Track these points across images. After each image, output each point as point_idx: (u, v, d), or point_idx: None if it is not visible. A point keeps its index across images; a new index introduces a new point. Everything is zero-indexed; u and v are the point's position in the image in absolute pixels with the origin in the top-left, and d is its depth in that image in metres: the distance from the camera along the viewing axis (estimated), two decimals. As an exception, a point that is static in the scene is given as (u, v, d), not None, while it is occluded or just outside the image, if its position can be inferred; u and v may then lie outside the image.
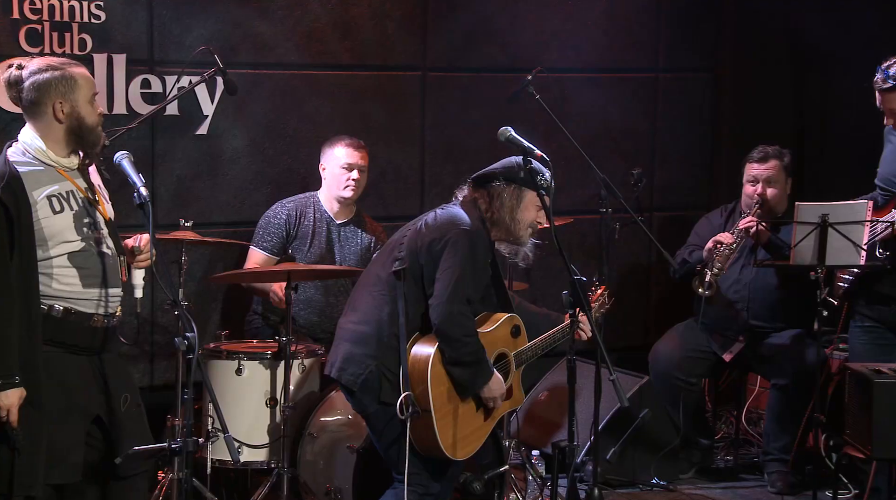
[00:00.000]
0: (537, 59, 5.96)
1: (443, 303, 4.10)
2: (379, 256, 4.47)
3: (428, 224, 4.24)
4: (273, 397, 4.88)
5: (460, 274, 4.11)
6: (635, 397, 5.49)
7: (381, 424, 4.20)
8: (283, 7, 5.75)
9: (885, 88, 4.68)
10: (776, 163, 5.53)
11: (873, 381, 4.39)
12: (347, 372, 4.20)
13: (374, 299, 4.24)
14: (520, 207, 4.28)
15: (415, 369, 4.14)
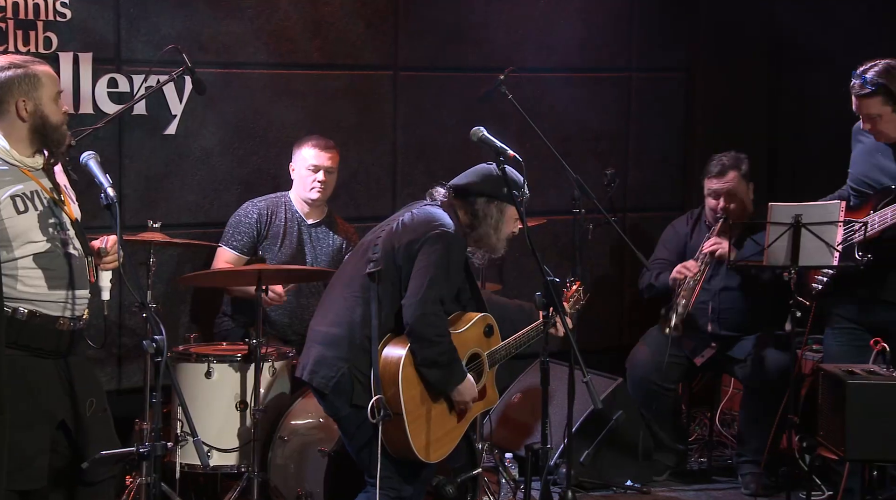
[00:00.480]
0: (510, 59, 5.97)
1: (416, 303, 4.09)
2: (352, 256, 4.45)
3: (404, 224, 4.23)
4: (243, 400, 4.86)
5: (434, 274, 4.11)
6: (609, 399, 5.51)
7: (353, 427, 4.19)
8: (252, 6, 5.73)
9: (863, 93, 4.69)
10: (734, 174, 5.56)
11: (846, 382, 4.41)
12: (319, 375, 4.19)
13: (347, 300, 4.23)
14: (503, 222, 4.30)
15: (386, 371, 4.13)
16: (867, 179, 4.88)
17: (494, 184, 4.21)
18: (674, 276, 5.50)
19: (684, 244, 5.75)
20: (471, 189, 4.29)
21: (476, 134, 4.24)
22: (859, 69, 4.75)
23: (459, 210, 4.29)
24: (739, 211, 5.57)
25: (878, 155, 4.85)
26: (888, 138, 4.76)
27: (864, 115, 4.76)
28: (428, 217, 4.21)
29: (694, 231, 5.73)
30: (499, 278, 6.30)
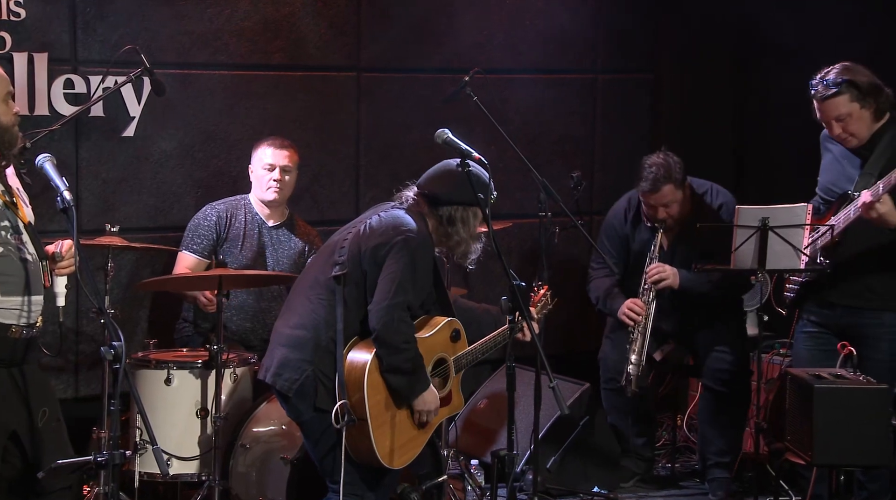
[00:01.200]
0: (475, 60, 5.97)
1: (383, 309, 4.08)
2: (317, 258, 4.43)
3: (372, 227, 4.22)
4: (204, 407, 4.83)
5: (402, 280, 4.10)
6: (575, 405, 5.52)
7: (317, 432, 4.18)
8: (212, 5, 5.71)
9: (829, 94, 4.71)
10: (669, 187, 5.38)
11: (814, 386, 4.44)
12: (283, 378, 4.17)
13: (312, 303, 4.22)
14: (474, 226, 4.30)
15: (351, 376, 4.12)
16: (835, 188, 4.92)
17: (465, 189, 4.18)
18: (621, 317, 5.45)
19: (626, 244, 5.64)
20: (442, 198, 4.27)
21: (441, 136, 4.23)
22: (817, 76, 4.79)
23: (431, 218, 4.28)
24: (678, 215, 5.46)
25: (844, 163, 4.89)
26: (860, 139, 4.77)
27: (832, 118, 4.75)
28: (395, 221, 4.20)
29: (635, 230, 5.60)
30: (464, 282, 6.30)
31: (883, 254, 4.77)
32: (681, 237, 5.50)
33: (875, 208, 4.58)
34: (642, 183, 5.42)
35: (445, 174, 4.30)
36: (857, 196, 4.70)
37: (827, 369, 4.66)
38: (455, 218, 4.26)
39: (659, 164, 5.40)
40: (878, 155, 4.75)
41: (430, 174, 4.34)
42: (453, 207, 4.26)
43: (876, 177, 4.66)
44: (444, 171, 4.32)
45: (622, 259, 5.63)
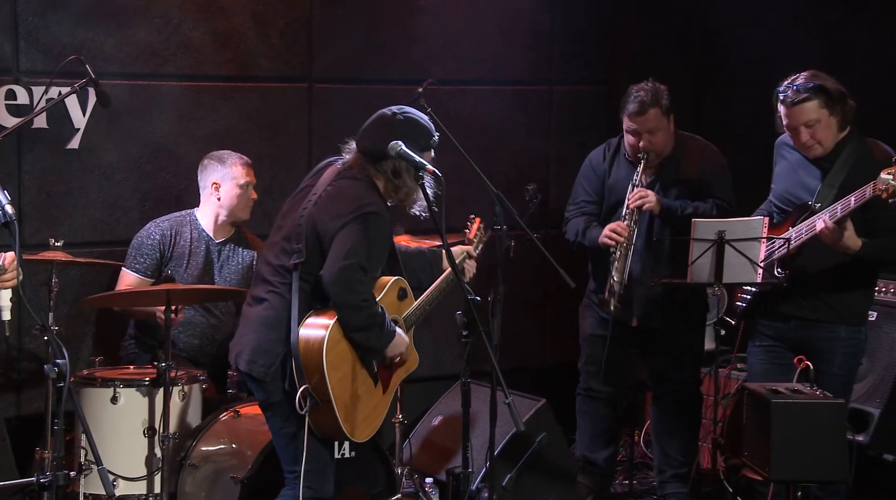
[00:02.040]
0: (429, 71, 6.00)
1: (335, 271, 4.08)
2: (274, 237, 4.36)
3: (325, 207, 4.18)
4: (151, 426, 4.81)
5: (353, 244, 4.10)
6: (532, 421, 5.54)
7: (285, 413, 4.19)
8: (159, 15, 5.69)
9: (800, 99, 4.75)
10: (655, 111, 5.35)
11: (770, 401, 4.49)
12: (258, 364, 4.20)
13: (277, 288, 4.23)
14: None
15: (309, 357, 4.13)
16: (790, 197, 4.97)
17: (408, 138, 4.18)
18: (603, 240, 5.40)
19: (602, 182, 5.62)
20: (385, 154, 4.20)
21: (394, 148, 4.25)
22: (785, 82, 4.82)
23: (378, 177, 4.24)
24: (662, 146, 5.44)
25: (800, 171, 4.94)
26: (825, 147, 4.82)
27: (801, 124, 4.79)
28: (348, 198, 4.17)
29: (613, 166, 5.60)
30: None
31: (839, 268, 4.82)
32: (661, 175, 5.48)
33: (834, 233, 4.61)
34: (628, 105, 5.40)
35: (382, 126, 4.26)
36: (818, 207, 4.76)
37: (784, 384, 4.72)
38: (400, 169, 4.23)
39: (647, 89, 5.42)
40: (839, 167, 4.80)
41: (367, 129, 4.30)
42: (396, 160, 4.21)
43: (837, 189, 4.72)
44: (380, 123, 4.28)
45: (599, 199, 5.61)
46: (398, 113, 4.19)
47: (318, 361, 4.12)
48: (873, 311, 5.43)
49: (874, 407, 5.50)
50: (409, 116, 4.19)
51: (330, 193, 4.22)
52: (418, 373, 6.34)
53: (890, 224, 4.71)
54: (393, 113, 4.20)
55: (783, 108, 4.82)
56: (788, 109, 4.80)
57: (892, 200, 4.46)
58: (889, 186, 4.44)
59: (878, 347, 5.55)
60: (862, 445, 5.35)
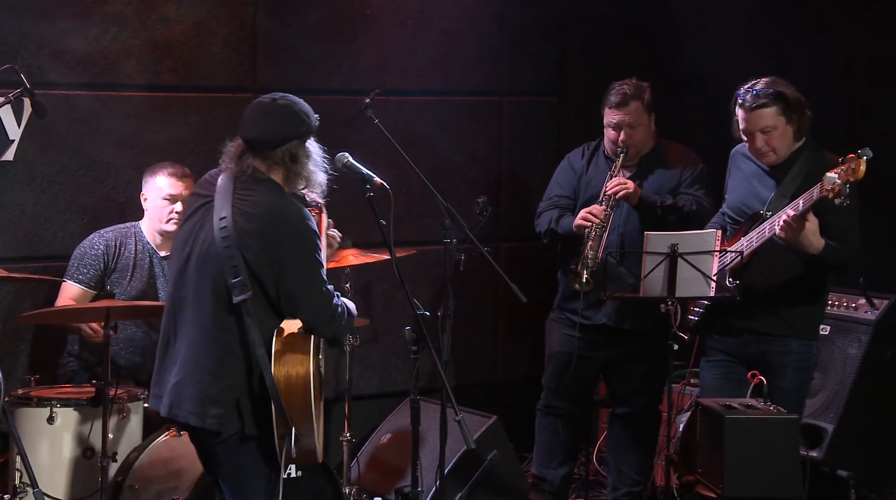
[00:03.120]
0: (376, 82, 6.02)
1: (321, 307, 4.00)
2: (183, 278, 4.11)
3: (245, 229, 3.98)
4: (90, 447, 4.77)
5: (316, 269, 4.01)
6: (483, 439, 5.56)
7: (239, 446, 4.02)
8: (97, 23, 5.66)
9: (758, 104, 4.81)
10: (636, 105, 5.45)
11: (724, 417, 4.55)
12: (210, 416, 3.98)
13: (216, 329, 4.01)
14: (315, 152, 4.16)
15: (292, 399, 3.95)
16: (744, 207, 5.02)
17: (291, 122, 4.09)
18: (578, 222, 5.40)
19: (579, 179, 5.66)
20: (272, 141, 4.08)
21: (341, 160, 4.26)
22: (744, 87, 4.88)
23: (275, 170, 4.08)
24: (642, 142, 5.51)
25: (755, 182, 4.99)
26: (779, 156, 4.88)
27: (757, 129, 4.84)
28: (269, 212, 4.01)
29: (591, 164, 5.65)
30: (367, 312, 6.32)
31: (791, 280, 4.89)
32: (639, 174, 5.52)
33: (796, 228, 4.63)
34: (610, 97, 5.48)
35: (263, 115, 4.13)
36: (769, 216, 4.82)
37: (737, 399, 4.77)
38: (297, 155, 4.10)
39: (630, 83, 5.51)
40: (792, 176, 4.86)
41: (248, 122, 4.13)
42: (288, 145, 4.08)
43: (789, 198, 4.76)
44: (259, 113, 4.14)
45: (574, 195, 5.65)
46: (278, 98, 4.11)
47: (304, 396, 3.96)
48: (826, 325, 5.52)
49: (828, 423, 5.57)
50: (289, 99, 4.12)
51: (245, 212, 4.01)
52: (366, 390, 6.39)
53: (839, 230, 4.77)
54: (273, 99, 4.12)
55: (741, 112, 4.89)
56: (746, 114, 4.87)
57: (838, 199, 4.51)
58: (835, 186, 4.50)
59: (831, 361, 5.63)
60: (816, 461, 5.41)
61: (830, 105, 5.75)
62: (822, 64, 6.12)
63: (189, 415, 4.01)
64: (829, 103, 5.72)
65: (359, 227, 6.22)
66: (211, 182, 4.15)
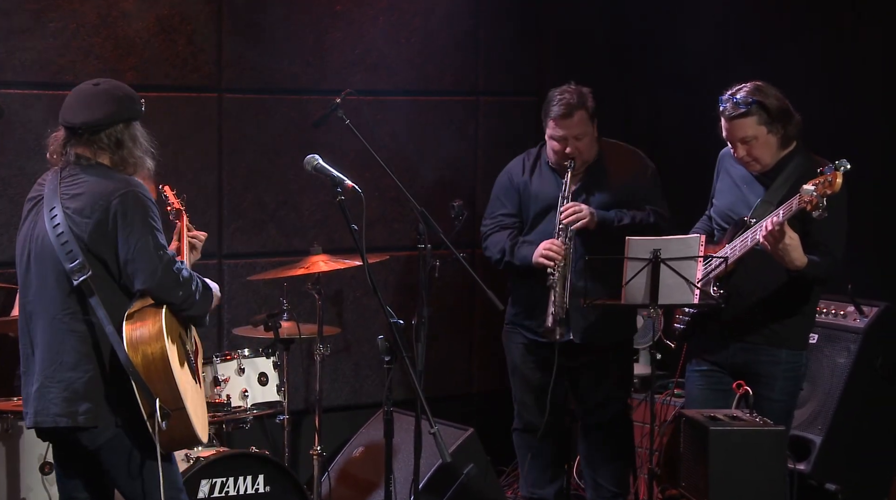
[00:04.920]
0: (347, 81, 6.02)
1: (160, 275, 3.98)
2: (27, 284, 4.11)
3: (78, 210, 3.99)
4: (48, 462, 4.75)
5: (150, 232, 4.00)
6: (458, 452, 5.57)
7: (124, 447, 4.01)
8: (55, 19, 5.65)
9: (737, 114, 4.83)
10: (581, 115, 5.40)
11: (709, 428, 4.57)
12: (80, 412, 3.97)
13: (65, 320, 4.01)
14: (141, 137, 4.16)
15: (151, 371, 3.94)
16: (731, 213, 5.03)
17: (119, 105, 4.10)
18: (539, 261, 5.39)
19: (523, 193, 5.63)
20: (100, 124, 4.07)
21: (310, 162, 4.27)
22: (727, 93, 4.89)
23: (102, 155, 4.08)
24: (587, 152, 5.48)
25: (743, 187, 5.00)
26: (763, 165, 4.90)
27: (738, 139, 4.87)
28: (95, 186, 4.02)
29: (534, 175, 5.62)
30: (338, 320, 6.32)
31: (780, 288, 4.90)
32: (588, 184, 5.53)
33: (777, 238, 4.66)
34: (552, 108, 5.43)
35: (84, 100, 4.13)
36: (753, 223, 4.84)
37: (722, 411, 4.79)
38: (122, 139, 4.10)
39: (571, 91, 5.46)
40: (780, 183, 4.87)
41: (68, 108, 4.13)
42: (113, 129, 4.09)
43: (775, 206, 4.77)
44: (80, 98, 4.14)
45: (517, 212, 5.64)
46: (99, 83, 4.13)
47: (164, 367, 3.94)
48: (814, 333, 5.55)
49: (816, 434, 5.61)
50: (111, 83, 4.15)
51: (72, 196, 4.03)
52: (337, 401, 6.39)
53: (821, 238, 4.78)
54: (94, 84, 4.13)
55: (722, 120, 4.91)
56: (727, 123, 4.89)
57: (815, 212, 4.53)
58: (812, 198, 4.52)
59: (819, 371, 5.66)
60: (803, 474, 5.45)
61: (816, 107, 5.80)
62: (807, 61, 6.17)
63: (57, 418, 4.00)
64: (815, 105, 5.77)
65: (329, 232, 6.25)
66: (40, 183, 4.19)
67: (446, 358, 6.65)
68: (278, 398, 5.37)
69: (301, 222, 6.29)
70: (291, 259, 5.80)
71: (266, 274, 5.76)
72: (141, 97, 4.14)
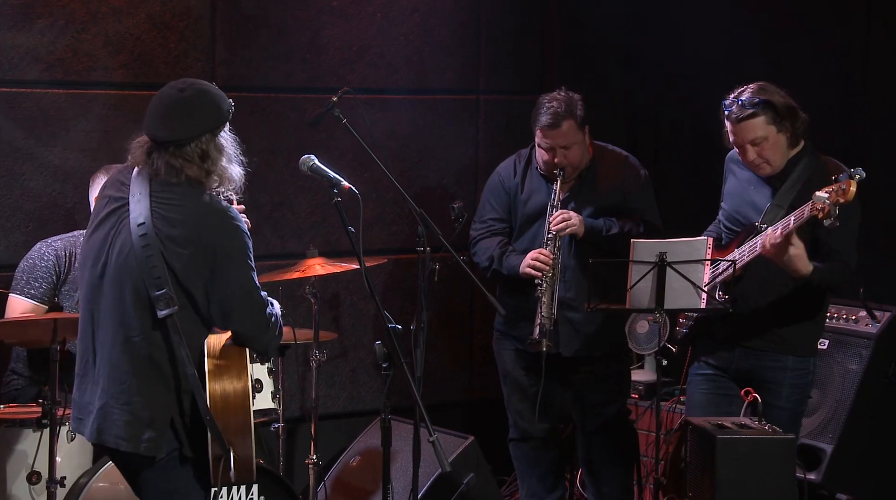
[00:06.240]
0: (344, 79, 6.04)
1: (258, 326, 3.98)
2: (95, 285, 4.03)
3: (172, 237, 3.90)
4: (36, 471, 4.77)
5: (249, 274, 3.98)
6: (458, 461, 5.58)
7: (169, 471, 4.00)
8: (43, 15, 5.66)
9: (744, 116, 4.83)
10: (569, 124, 5.41)
11: (716, 437, 4.58)
12: (143, 439, 3.95)
13: (133, 344, 3.95)
14: (229, 145, 4.06)
15: (228, 419, 3.94)
16: (739, 216, 5.05)
17: (206, 115, 3.99)
18: (526, 271, 5.41)
19: (513, 199, 5.65)
20: (182, 139, 3.96)
21: (306, 163, 4.29)
22: (731, 96, 4.89)
23: (189, 168, 3.96)
24: (577, 160, 5.49)
25: (750, 190, 5.01)
26: (774, 167, 4.90)
27: (747, 142, 4.86)
28: (193, 214, 3.94)
29: (525, 179, 5.64)
30: (335, 325, 6.34)
31: (788, 293, 4.90)
32: (578, 191, 5.54)
33: (780, 248, 4.67)
34: (541, 117, 5.44)
35: (169, 110, 4.01)
36: (764, 228, 4.85)
37: (730, 418, 4.80)
38: (207, 150, 3.99)
39: (559, 99, 5.47)
40: (789, 186, 4.88)
41: (152, 119, 4.03)
42: (198, 141, 3.98)
43: (786, 209, 4.78)
44: (164, 107, 4.02)
45: (508, 217, 5.65)
46: (184, 88, 4.00)
47: (244, 417, 3.96)
48: (824, 339, 5.56)
49: (826, 443, 5.61)
50: (196, 88, 4.02)
51: (166, 218, 3.93)
52: (334, 409, 6.40)
53: (835, 244, 4.80)
54: (179, 90, 4.01)
55: (728, 124, 4.90)
56: (734, 126, 4.88)
57: (827, 220, 4.53)
58: (825, 206, 4.52)
59: (829, 378, 5.67)
60: (814, 483, 5.46)
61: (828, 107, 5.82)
62: (816, 62, 6.19)
63: (119, 441, 3.96)
64: (827, 105, 5.79)
65: (326, 234, 6.27)
66: (123, 182, 4.05)
67: (446, 364, 6.67)
68: (273, 406, 5.36)
69: (297, 224, 6.30)
70: (287, 262, 5.82)
71: (261, 277, 5.69)
72: (229, 98, 4.03)
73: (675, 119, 6.89)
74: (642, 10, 6.86)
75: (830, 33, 6.22)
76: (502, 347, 5.76)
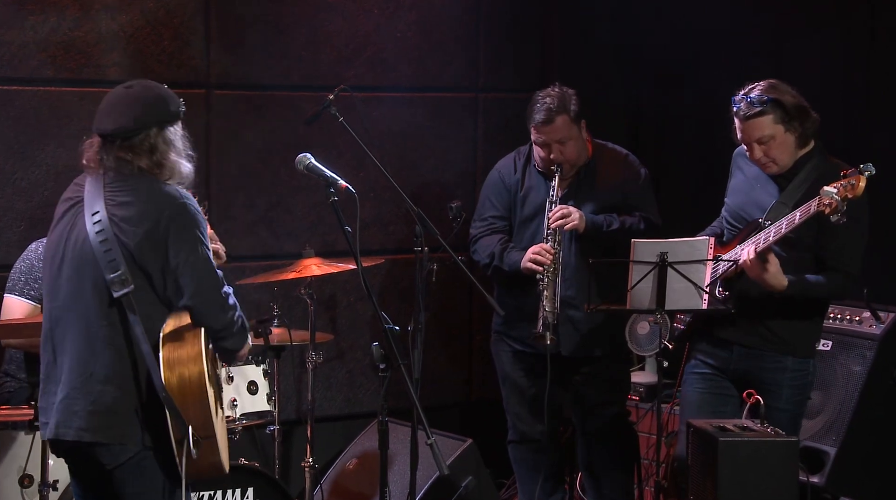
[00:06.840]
0: (340, 77, 6.04)
1: (213, 302, 3.99)
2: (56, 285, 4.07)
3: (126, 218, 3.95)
4: (27, 474, 4.77)
5: (203, 249, 3.99)
6: (457, 464, 5.58)
7: (142, 471, 3.97)
8: (35, 12, 5.66)
9: (752, 113, 4.83)
10: (563, 119, 5.45)
11: (718, 439, 4.59)
12: (111, 428, 3.93)
13: (98, 332, 3.97)
14: (178, 140, 4.10)
15: (186, 396, 3.91)
16: (743, 213, 5.05)
17: (150, 109, 4.05)
18: (527, 266, 5.43)
19: (513, 196, 5.68)
20: (132, 131, 4.02)
21: (302, 162, 4.29)
22: (740, 93, 4.89)
23: (139, 159, 4.02)
24: (574, 156, 5.52)
25: (756, 187, 5.02)
26: (781, 166, 4.91)
27: (754, 140, 4.87)
28: (146, 194, 3.99)
29: (525, 177, 5.66)
30: (331, 326, 6.34)
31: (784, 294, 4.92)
32: (577, 188, 5.56)
33: (755, 267, 4.71)
34: (534, 114, 5.48)
35: (117, 106, 4.09)
36: (767, 225, 4.86)
37: (732, 420, 4.80)
38: (155, 144, 4.05)
39: (553, 95, 5.50)
40: (796, 185, 4.88)
41: (100, 115, 4.10)
42: (145, 133, 4.03)
43: (790, 208, 4.79)
44: (112, 103, 4.10)
45: (508, 215, 5.67)
46: (132, 85, 4.11)
47: (200, 391, 3.92)
48: (828, 340, 5.57)
49: (830, 446, 5.61)
50: (144, 85, 4.12)
51: (119, 203, 3.99)
52: (330, 411, 6.41)
53: (835, 263, 4.83)
54: (126, 87, 4.11)
55: (737, 121, 4.91)
56: (742, 123, 4.89)
57: (834, 216, 4.54)
58: (833, 201, 4.53)
59: (833, 380, 5.67)
60: (817, 487, 5.47)
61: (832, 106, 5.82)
62: (818, 62, 6.19)
63: (81, 432, 3.95)
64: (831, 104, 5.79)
65: (322, 234, 6.27)
66: (78, 183, 4.15)
67: (444, 366, 6.67)
68: (269, 408, 5.38)
69: (293, 224, 6.30)
70: (283, 262, 5.82)
71: (256, 278, 5.77)
72: (181, 97, 4.10)
73: (676, 118, 6.90)
74: (642, 9, 6.86)
75: (832, 33, 6.23)
76: (500, 348, 5.77)
